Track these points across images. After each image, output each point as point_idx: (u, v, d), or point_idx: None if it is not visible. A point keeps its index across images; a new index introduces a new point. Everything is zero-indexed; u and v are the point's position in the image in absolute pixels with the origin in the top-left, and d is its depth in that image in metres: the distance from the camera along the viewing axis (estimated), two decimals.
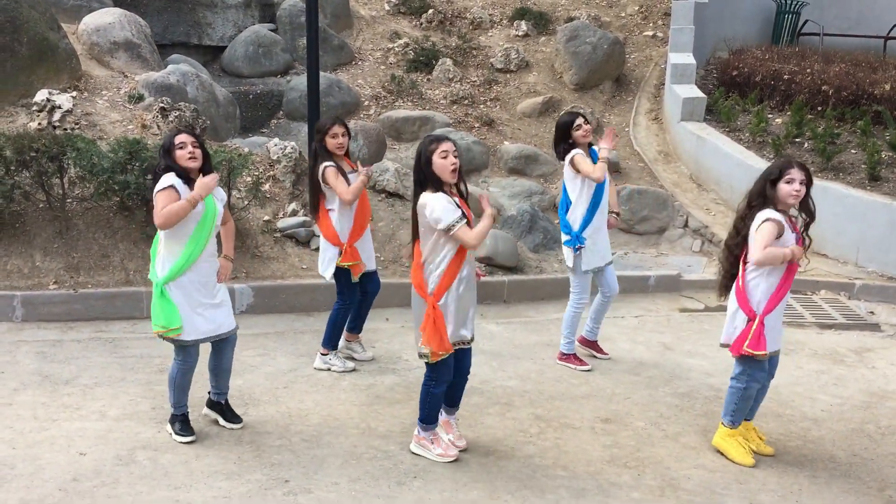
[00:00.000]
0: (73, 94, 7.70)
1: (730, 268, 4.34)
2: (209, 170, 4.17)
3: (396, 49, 11.55)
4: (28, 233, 6.42)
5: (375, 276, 5.48)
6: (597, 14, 12.82)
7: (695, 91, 10.23)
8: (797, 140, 9.23)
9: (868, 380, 5.68)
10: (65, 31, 8.30)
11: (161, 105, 7.70)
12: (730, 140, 9.44)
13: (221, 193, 4.33)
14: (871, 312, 7.19)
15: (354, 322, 5.53)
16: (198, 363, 4.27)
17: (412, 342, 4.19)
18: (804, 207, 4.16)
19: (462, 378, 4.24)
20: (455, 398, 4.32)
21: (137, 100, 7.99)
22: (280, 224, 7.12)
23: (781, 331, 4.33)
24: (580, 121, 5.35)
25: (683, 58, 10.73)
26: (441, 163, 3.85)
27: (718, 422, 4.51)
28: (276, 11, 11.51)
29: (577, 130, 5.33)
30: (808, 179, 4.07)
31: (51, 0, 8.69)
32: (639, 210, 9.03)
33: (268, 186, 7.41)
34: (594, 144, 5.51)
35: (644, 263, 8.34)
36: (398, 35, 11.95)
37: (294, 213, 7.24)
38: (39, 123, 7.10)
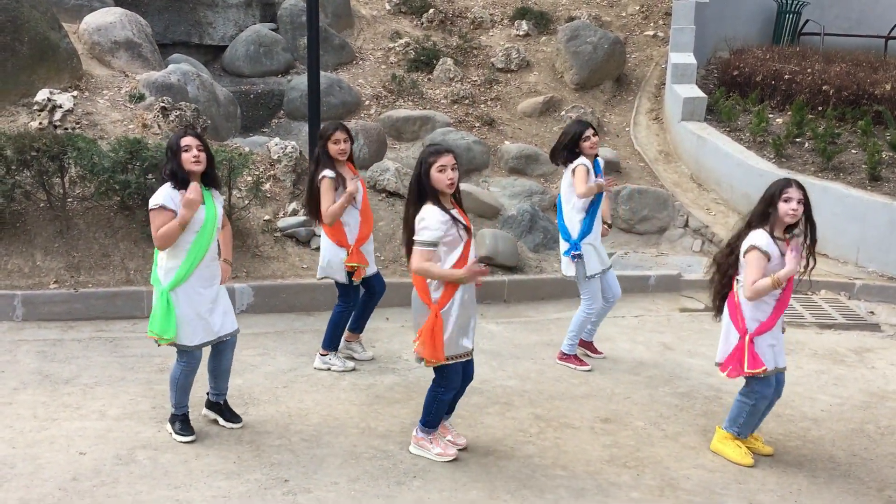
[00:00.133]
0: (74, 94, 7.71)
1: (721, 288, 4.30)
2: (213, 173, 4.19)
3: (397, 48, 11.55)
4: (29, 232, 6.43)
5: (380, 278, 5.47)
6: (597, 14, 12.82)
7: (695, 91, 10.23)
8: (798, 140, 9.23)
9: (868, 380, 5.68)
10: (66, 31, 8.31)
11: (162, 105, 7.71)
12: (730, 140, 9.44)
13: (219, 196, 4.34)
14: (871, 312, 7.19)
15: (356, 322, 5.52)
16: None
17: (412, 342, 4.18)
18: (807, 227, 4.11)
19: (465, 386, 4.24)
20: (452, 405, 4.33)
21: (138, 99, 7.99)
22: (280, 223, 7.13)
23: (783, 348, 4.29)
24: (590, 132, 5.36)
25: (684, 57, 10.72)
26: (438, 176, 3.89)
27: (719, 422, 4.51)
28: (277, 11, 11.52)
29: (586, 142, 5.35)
30: (806, 200, 4.04)
31: None
32: (639, 210, 9.03)
33: (268, 186, 7.42)
34: (598, 156, 5.56)
35: (644, 263, 8.34)
36: (399, 34, 11.95)
37: (294, 213, 7.24)
38: (40, 123, 7.11)
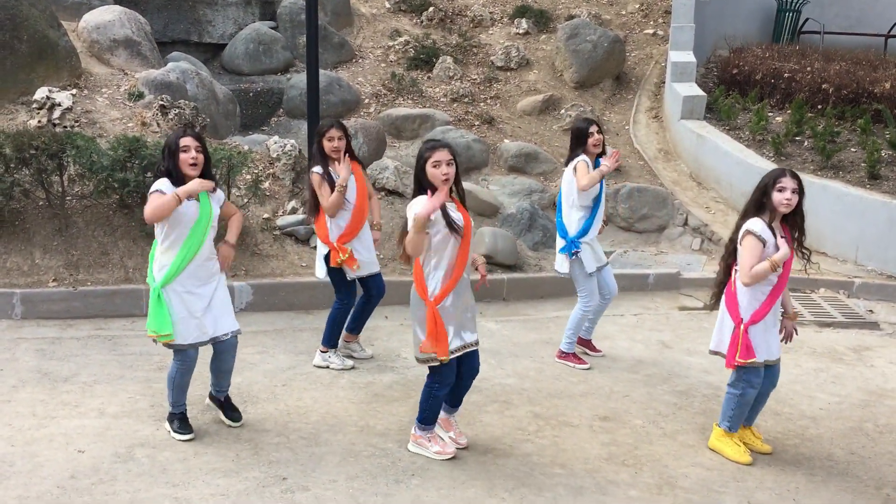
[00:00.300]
0: (73, 92, 7.71)
1: (724, 278, 4.33)
2: (209, 173, 4.16)
3: (397, 47, 11.54)
4: (28, 230, 6.43)
5: (379, 279, 5.44)
6: (597, 12, 12.81)
7: (695, 89, 10.23)
8: (797, 138, 9.23)
9: (866, 378, 5.69)
10: (65, 29, 8.30)
11: (161, 103, 7.70)
12: (730, 138, 9.44)
13: (220, 195, 4.31)
14: (870, 311, 7.19)
15: (354, 323, 5.51)
16: (197, 362, 4.27)
17: (411, 340, 4.18)
18: (796, 217, 4.12)
19: (470, 379, 4.23)
20: (459, 398, 4.31)
21: (137, 97, 7.99)
22: (279, 222, 7.13)
23: (777, 341, 4.29)
24: (593, 129, 5.43)
25: (684, 56, 10.72)
26: (433, 172, 3.90)
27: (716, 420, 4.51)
28: (277, 9, 11.51)
29: (590, 138, 5.40)
30: (801, 189, 4.06)
31: None
32: (639, 208, 9.03)
33: (267, 184, 7.42)
34: (602, 156, 5.56)
35: (643, 261, 8.34)
36: (399, 33, 11.94)
37: (293, 211, 7.24)
38: (39, 121, 7.10)
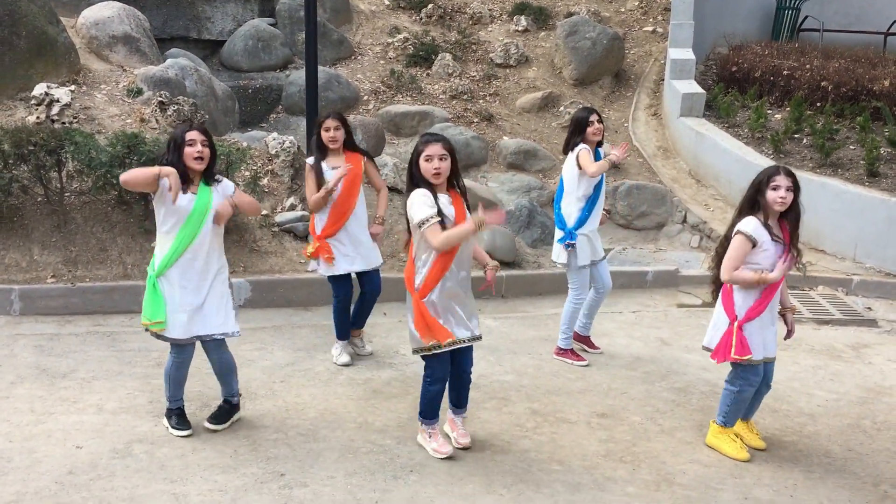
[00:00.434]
0: (72, 88, 7.71)
1: (718, 275, 4.32)
2: (214, 168, 4.13)
3: (396, 44, 11.53)
4: (26, 226, 6.43)
5: (374, 276, 5.43)
6: (596, 9, 12.80)
7: (694, 87, 10.22)
8: (796, 136, 9.22)
9: (864, 375, 5.69)
10: (64, 25, 8.29)
11: (160, 99, 7.70)
12: (729, 136, 9.43)
13: (227, 186, 4.20)
14: (869, 308, 7.20)
15: (355, 317, 5.53)
16: (194, 359, 4.27)
17: (408, 337, 4.19)
18: (792, 214, 4.11)
19: (463, 378, 4.22)
20: (460, 399, 4.30)
21: (136, 94, 7.98)
22: (278, 218, 7.12)
23: (774, 339, 4.28)
24: (594, 117, 5.43)
25: (683, 53, 10.71)
26: (424, 166, 3.91)
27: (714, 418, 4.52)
28: (276, 6, 11.49)
29: (590, 127, 5.40)
30: (796, 186, 4.06)
31: None
32: (637, 205, 9.03)
33: (266, 181, 7.41)
34: (602, 146, 5.56)
35: (642, 259, 8.34)
36: (398, 30, 11.93)
37: (292, 208, 7.24)
38: (38, 117, 7.10)
